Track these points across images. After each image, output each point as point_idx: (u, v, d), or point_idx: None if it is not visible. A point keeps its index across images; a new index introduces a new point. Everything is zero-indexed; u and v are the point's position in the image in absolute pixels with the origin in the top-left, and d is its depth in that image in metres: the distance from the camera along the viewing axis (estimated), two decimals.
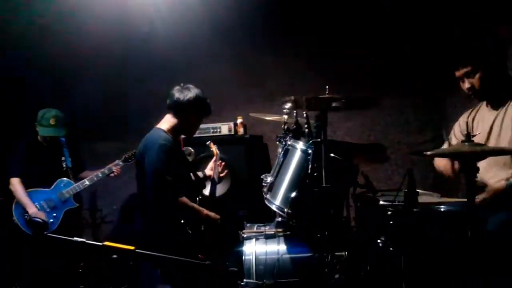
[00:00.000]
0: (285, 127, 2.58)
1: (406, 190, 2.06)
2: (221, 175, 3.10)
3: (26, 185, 3.25)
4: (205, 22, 4.10)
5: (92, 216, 4.39)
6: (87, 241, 1.74)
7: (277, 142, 2.60)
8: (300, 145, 2.28)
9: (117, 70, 4.44)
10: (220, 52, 4.20)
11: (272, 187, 2.31)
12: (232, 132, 3.82)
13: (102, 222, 4.47)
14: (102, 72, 4.41)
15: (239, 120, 3.89)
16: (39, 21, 4.00)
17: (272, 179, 2.36)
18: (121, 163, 3.53)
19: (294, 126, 2.48)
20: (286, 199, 2.20)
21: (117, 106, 4.51)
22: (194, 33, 4.15)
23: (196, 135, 2.93)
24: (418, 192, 2.06)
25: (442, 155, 2.45)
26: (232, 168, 3.52)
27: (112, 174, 3.54)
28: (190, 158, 3.38)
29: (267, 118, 2.97)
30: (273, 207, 2.27)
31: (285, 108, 2.49)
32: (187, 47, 4.19)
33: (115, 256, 1.79)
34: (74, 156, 3.57)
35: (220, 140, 3.39)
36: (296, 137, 2.40)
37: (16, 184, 3.22)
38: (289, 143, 2.34)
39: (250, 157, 3.75)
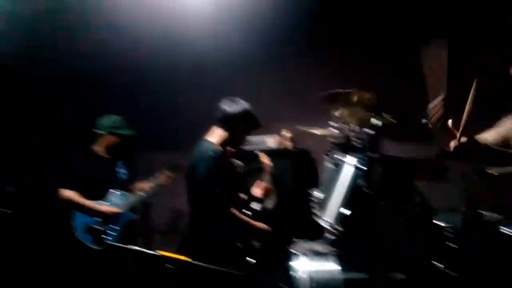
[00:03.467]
0: (335, 141, 2.52)
1: (465, 210, 1.94)
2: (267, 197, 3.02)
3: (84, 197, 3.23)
4: (251, 35, 4.14)
5: (145, 225, 4.50)
6: (143, 250, 1.77)
7: (326, 156, 2.55)
8: (352, 161, 2.21)
9: (168, 81, 4.58)
10: (265, 65, 4.22)
11: (322, 203, 2.25)
12: (279, 146, 3.79)
13: (153, 232, 4.56)
14: (156, 83, 4.57)
15: (287, 134, 3.85)
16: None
17: (322, 195, 2.29)
18: (168, 172, 3.57)
19: (346, 140, 2.42)
20: (338, 216, 2.13)
21: (167, 117, 4.63)
22: (240, 46, 4.20)
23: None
24: (481, 213, 1.93)
25: None
26: (278, 182, 3.48)
27: (161, 184, 3.57)
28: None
29: (315, 132, 2.92)
30: (324, 224, 2.21)
31: (333, 120, 2.43)
32: (235, 60, 4.25)
33: (170, 266, 1.81)
34: (128, 167, 3.60)
35: (265, 154, 3.36)
36: (347, 152, 2.33)
37: (72, 194, 3.19)
38: (340, 158, 2.27)
39: (296, 171, 3.70)
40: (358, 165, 2.13)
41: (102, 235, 3.12)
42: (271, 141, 3.81)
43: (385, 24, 3.90)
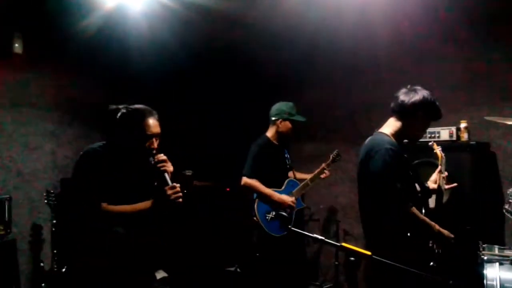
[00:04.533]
0: None
1: None
2: (447, 187, 2.73)
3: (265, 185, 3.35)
4: (423, 20, 3.84)
5: (300, 212, 4.65)
6: (326, 239, 1.78)
7: None
8: None
9: (324, 77, 4.59)
10: (437, 50, 3.87)
11: None
12: (454, 138, 3.44)
13: (310, 219, 4.67)
14: (311, 80, 4.63)
15: (463, 125, 3.47)
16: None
17: None
18: (330, 163, 3.58)
19: None
20: None
21: (324, 111, 4.66)
22: (410, 31, 3.94)
23: None
24: None
25: None
26: (452, 178, 3.16)
27: (322, 176, 3.60)
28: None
29: (508, 123, 2.55)
30: None
31: None
32: (397, 47, 4.01)
33: (352, 258, 1.80)
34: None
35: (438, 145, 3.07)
36: None
37: (255, 182, 3.31)
38: None
39: (475, 167, 3.30)
40: None
41: (287, 219, 3.22)
42: (445, 134, 3.48)
43: None
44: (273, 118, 3.46)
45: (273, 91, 4.69)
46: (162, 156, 2.17)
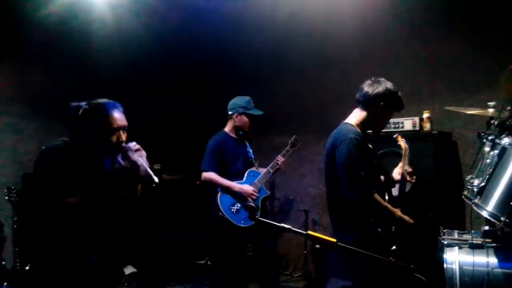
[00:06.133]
0: (494, 122, 2.25)
1: None
2: (409, 179, 2.79)
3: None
4: (386, 12, 3.92)
5: (271, 204, 4.69)
6: (292, 228, 1.80)
7: (483, 140, 2.29)
8: None
9: (294, 70, 4.61)
10: (401, 43, 3.97)
11: (483, 191, 2.03)
12: (417, 128, 3.54)
13: (279, 210, 4.72)
14: (281, 73, 4.64)
15: (426, 115, 3.58)
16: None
17: (481, 182, 2.07)
18: (289, 148, 3.61)
19: (510, 120, 2.14)
20: (503, 206, 1.90)
21: (294, 104, 4.69)
22: (374, 23, 4.01)
23: None
24: None
25: None
26: (415, 167, 3.26)
27: (278, 164, 3.58)
28: None
29: (468, 112, 2.64)
30: (484, 214, 1.99)
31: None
32: (364, 40, 4.08)
33: (317, 246, 1.83)
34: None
35: (402, 136, 3.15)
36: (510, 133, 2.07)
37: (213, 175, 3.37)
38: (506, 141, 2.02)
39: (437, 156, 3.42)
40: None
41: (256, 211, 3.28)
42: (408, 124, 3.57)
43: None
44: (230, 113, 3.52)
45: (243, 83, 4.68)
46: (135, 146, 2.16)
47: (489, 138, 2.21)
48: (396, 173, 2.81)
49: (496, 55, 3.38)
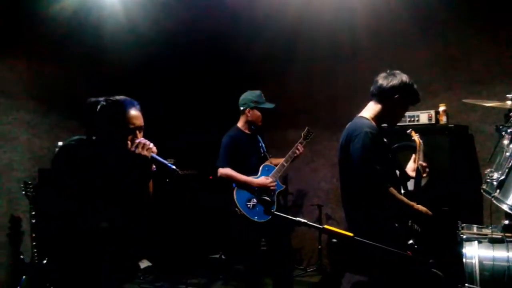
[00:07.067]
0: None
1: None
2: (424, 175, 2.75)
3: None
4: (400, 3, 3.86)
5: (284, 199, 4.68)
6: (308, 222, 1.78)
7: (502, 133, 2.24)
8: None
9: (306, 64, 4.57)
10: (416, 35, 3.90)
11: (503, 185, 1.99)
12: (433, 121, 3.49)
13: (293, 205, 4.70)
14: (293, 67, 4.60)
15: (442, 108, 3.52)
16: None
17: (501, 175, 2.03)
18: (302, 140, 3.57)
19: None
20: None
21: (306, 98, 4.66)
22: (389, 16, 3.95)
23: None
24: None
25: None
26: (431, 161, 3.21)
27: (296, 153, 3.57)
28: None
29: (486, 105, 2.59)
30: (505, 207, 1.96)
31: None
32: (377, 32, 4.02)
33: (334, 240, 1.81)
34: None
35: (418, 130, 3.11)
36: None
37: (230, 171, 3.35)
38: None
39: (453, 150, 3.37)
40: None
41: (271, 206, 3.25)
42: (424, 117, 3.52)
43: None
44: (242, 108, 3.49)
45: (254, 78, 4.66)
46: (142, 141, 2.12)
47: (508, 131, 2.17)
48: (410, 169, 2.77)
49: None
